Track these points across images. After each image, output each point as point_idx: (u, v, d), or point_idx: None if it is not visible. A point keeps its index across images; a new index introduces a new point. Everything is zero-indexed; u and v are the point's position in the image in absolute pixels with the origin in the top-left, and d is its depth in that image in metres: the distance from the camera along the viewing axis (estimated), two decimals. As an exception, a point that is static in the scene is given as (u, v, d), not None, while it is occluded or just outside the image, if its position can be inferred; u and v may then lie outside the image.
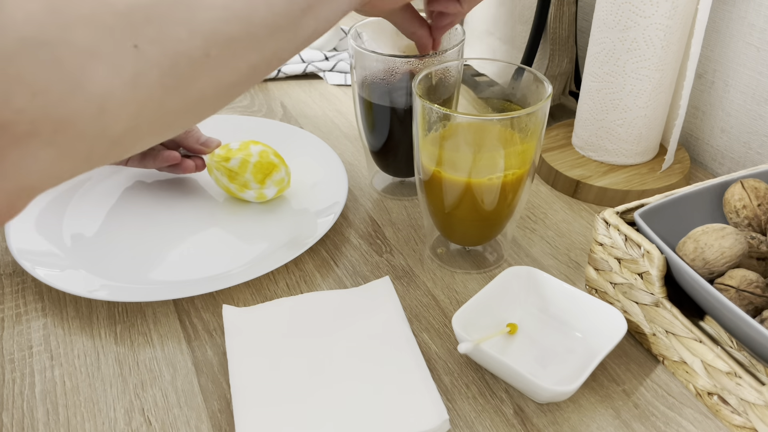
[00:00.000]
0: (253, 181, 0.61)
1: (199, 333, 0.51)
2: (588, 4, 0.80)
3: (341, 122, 0.79)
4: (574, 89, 0.79)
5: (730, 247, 0.44)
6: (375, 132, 0.62)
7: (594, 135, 0.66)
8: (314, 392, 0.45)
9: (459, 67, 0.58)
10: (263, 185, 0.61)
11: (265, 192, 0.62)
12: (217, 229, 0.62)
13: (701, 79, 0.70)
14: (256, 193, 0.62)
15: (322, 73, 0.90)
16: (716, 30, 0.66)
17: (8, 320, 0.52)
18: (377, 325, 0.50)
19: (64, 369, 0.48)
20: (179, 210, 0.64)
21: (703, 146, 0.72)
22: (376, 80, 0.59)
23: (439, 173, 0.51)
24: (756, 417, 0.41)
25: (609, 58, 0.62)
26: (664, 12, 0.57)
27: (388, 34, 0.63)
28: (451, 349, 0.50)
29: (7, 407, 0.46)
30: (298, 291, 0.55)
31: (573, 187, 0.65)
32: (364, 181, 0.69)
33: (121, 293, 0.52)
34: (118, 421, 0.45)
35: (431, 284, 0.56)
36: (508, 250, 0.59)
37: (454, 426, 0.44)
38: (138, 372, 0.48)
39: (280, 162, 0.62)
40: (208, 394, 0.47)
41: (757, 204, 0.49)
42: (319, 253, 0.59)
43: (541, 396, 0.44)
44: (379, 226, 0.62)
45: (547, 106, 0.49)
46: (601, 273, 0.52)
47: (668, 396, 0.46)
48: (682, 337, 0.45)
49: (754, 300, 0.44)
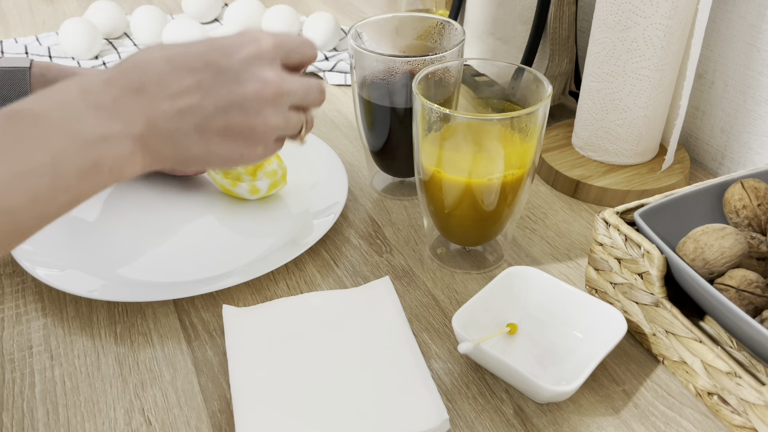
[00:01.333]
0: (245, 173, 0.61)
1: (199, 333, 0.51)
2: (588, 4, 0.80)
3: (341, 122, 0.79)
4: (574, 89, 0.79)
5: (730, 247, 0.44)
6: (375, 132, 0.62)
7: (594, 135, 0.66)
8: (314, 392, 0.45)
9: (459, 67, 0.58)
10: (255, 177, 0.61)
11: (257, 185, 0.62)
12: (218, 229, 0.62)
13: (701, 79, 0.70)
14: (249, 186, 0.62)
15: (322, 73, 0.90)
16: (716, 30, 0.66)
17: (8, 320, 0.52)
18: (377, 325, 0.50)
19: (64, 369, 0.48)
20: (179, 210, 0.64)
21: (703, 146, 0.72)
22: (376, 80, 0.59)
23: (439, 173, 0.51)
24: (756, 417, 0.41)
25: (609, 58, 0.62)
26: (664, 12, 0.57)
27: (388, 34, 0.64)
28: (451, 349, 0.50)
29: (7, 407, 0.46)
30: (298, 291, 0.55)
31: (573, 187, 0.65)
32: (364, 181, 0.69)
33: (121, 293, 0.52)
34: (118, 421, 0.45)
35: (431, 284, 0.56)
36: (508, 250, 0.59)
37: (454, 426, 0.44)
38: (138, 372, 0.48)
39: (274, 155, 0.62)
40: (208, 394, 0.47)
41: (757, 204, 0.49)
42: (319, 253, 0.59)
43: (541, 396, 0.44)
44: (379, 226, 0.62)
45: (547, 106, 0.49)
46: (601, 273, 0.52)
47: (668, 396, 0.46)
48: (682, 337, 0.45)
49: (754, 300, 0.44)
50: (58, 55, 0.92)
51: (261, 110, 0.41)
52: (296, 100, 0.43)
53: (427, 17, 0.64)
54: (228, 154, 0.41)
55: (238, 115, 0.40)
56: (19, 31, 1.03)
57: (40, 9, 1.12)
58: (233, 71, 0.40)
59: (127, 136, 0.37)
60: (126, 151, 0.37)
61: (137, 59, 0.38)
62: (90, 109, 0.36)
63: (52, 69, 0.57)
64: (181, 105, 0.38)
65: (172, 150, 0.39)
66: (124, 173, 0.37)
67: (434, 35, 0.63)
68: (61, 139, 0.34)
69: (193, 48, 0.40)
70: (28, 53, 0.92)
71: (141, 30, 0.95)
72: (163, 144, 0.38)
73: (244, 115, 0.40)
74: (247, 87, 0.40)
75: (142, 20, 0.95)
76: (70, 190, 0.35)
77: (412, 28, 0.64)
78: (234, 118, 0.40)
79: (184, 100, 0.38)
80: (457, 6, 0.83)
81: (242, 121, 0.40)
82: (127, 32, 1.00)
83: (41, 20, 1.08)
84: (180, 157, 0.40)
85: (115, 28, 0.97)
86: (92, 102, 0.36)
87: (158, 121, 0.38)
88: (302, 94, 0.43)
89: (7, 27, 1.05)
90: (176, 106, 0.38)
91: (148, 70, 0.38)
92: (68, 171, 0.34)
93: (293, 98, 0.43)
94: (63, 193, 0.35)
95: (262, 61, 0.41)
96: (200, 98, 0.39)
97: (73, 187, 0.35)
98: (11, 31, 1.04)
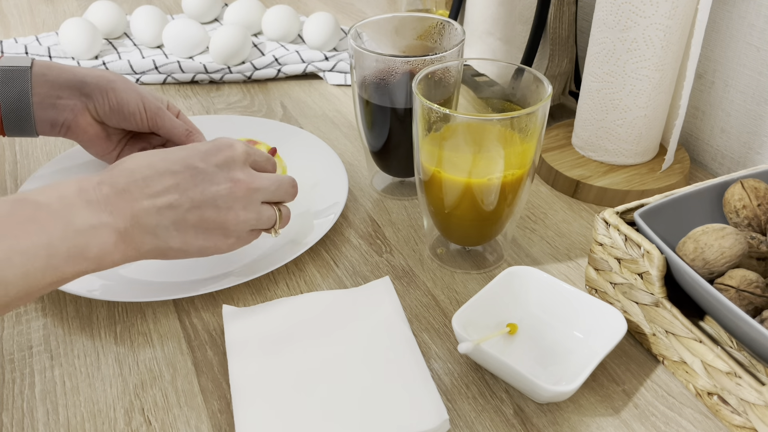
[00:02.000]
0: None
1: (199, 333, 0.51)
2: (588, 4, 0.80)
3: (341, 122, 0.79)
4: (574, 89, 0.79)
5: (730, 247, 0.44)
6: (375, 132, 0.62)
7: (594, 135, 0.66)
8: (314, 392, 0.45)
9: (459, 67, 0.58)
10: None
11: None
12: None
13: (701, 79, 0.70)
14: None
15: (322, 73, 0.90)
16: (716, 30, 0.66)
17: (8, 320, 0.52)
18: (377, 325, 0.50)
19: (64, 369, 0.48)
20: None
21: (703, 146, 0.72)
22: (376, 80, 0.59)
23: (439, 173, 0.51)
24: (756, 417, 0.41)
25: (609, 58, 0.62)
26: (664, 12, 0.57)
27: (388, 34, 0.64)
28: (451, 349, 0.50)
29: (7, 407, 0.46)
30: (298, 291, 0.55)
31: (573, 187, 0.65)
32: (364, 181, 0.69)
33: (121, 293, 0.52)
34: (118, 421, 0.45)
35: (431, 284, 0.56)
36: (508, 250, 0.59)
37: (454, 426, 0.44)
38: (138, 372, 0.48)
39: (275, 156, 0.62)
40: (208, 394, 0.47)
41: (757, 204, 0.49)
42: (319, 253, 0.59)
43: (541, 396, 0.44)
44: (379, 226, 0.62)
45: (547, 106, 0.49)
46: (601, 273, 0.52)
47: (668, 396, 0.46)
48: (682, 337, 0.45)
49: (754, 300, 0.44)
50: (58, 55, 0.92)
51: (232, 206, 0.46)
52: (267, 196, 0.49)
53: (427, 17, 0.64)
54: (203, 245, 0.46)
55: (212, 211, 0.46)
56: (19, 31, 1.03)
57: (40, 9, 1.12)
58: (208, 173, 0.46)
59: (112, 228, 0.42)
60: (111, 241, 0.42)
61: (126, 164, 0.44)
62: (84, 203, 0.41)
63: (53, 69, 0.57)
64: (160, 203, 0.44)
65: (153, 241, 0.44)
66: (105, 261, 0.42)
67: (434, 35, 0.63)
68: (58, 226, 0.39)
69: (176, 154, 0.46)
70: (28, 53, 0.92)
71: (141, 30, 0.95)
72: (144, 236, 0.44)
73: (216, 210, 0.46)
74: (220, 186, 0.46)
75: (142, 20, 0.95)
76: (57, 270, 0.39)
77: (412, 28, 0.64)
78: (208, 213, 0.45)
79: (164, 198, 0.44)
80: (457, 6, 0.83)
81: (215, 216, 0.46)
82: (127, 32, 1.00)
83: (41, 20, 1.08)
84: (160, 248, 0.45)
85: (115, 28, 0.97)
86: (85, 198, 0.41)
87: (141, 217, 0.43)
88: (273, 189, 0.49)
89: (7, 27, 1.05)
90: (157, 204, 0.44)
91: (135, 172, 0.44)
92: (59, 253, 0.39)
93: (264, 194, 0.49)
94: (52, 273, 0.39)
95: (235, 163, 0.47)
96: (178, 196, 0.44)
97: (60, 268, 0.39)
98: (11, 31, 1.04)
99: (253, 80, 0.89)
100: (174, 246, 0.45)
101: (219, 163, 0.46)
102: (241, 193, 0.47)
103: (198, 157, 0.46)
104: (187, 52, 0.91)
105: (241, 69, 0.88)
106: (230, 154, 0.47)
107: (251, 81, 0.89)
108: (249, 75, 0.88)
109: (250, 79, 0.89)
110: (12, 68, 0.55)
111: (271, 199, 0.49)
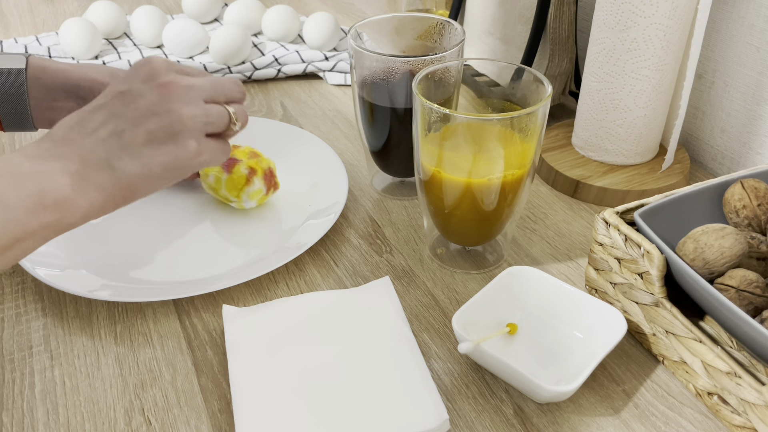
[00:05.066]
0: (230, 195, 0.61)
1: (199, 333, 0.51)
2: (588, 4, 0.80)
3: (341, 122, 0.79)
4: (574, 89, 0.79)
5: (730, 247, 0.44)
6: (375, 132, 0.62)
7: (594, 135, 0.66)
8: (314, 392, 0.45)
9: (459, 67, 0.58)
10: (240, 199, 0.61)
11: (244, 204, 0.62)
12: (218, 229, 0.62)
13: (701, 79, 0.70)
14: (238, 205, 0.62)
15: (322, 73, 0.90)
16: (716, 30, 0.66)
17: (8, 320, 0.52)
18: (377, 325, 0.50)
19: (64, 369, 0.49)
20: (179, 210, 0.64)
21: (703, 146, 0.72)
22: (376, 80, 0.59)
23: (439, 173, 0.51)
24: (756, 417, 0.41)
25: (609, 58, 0.62)
26: (664, 12, 0.58)
27: (388, 34, 0.64)
28: (451, 349, 0.50)
29: (7, 407, 0.46)
30: (298, 291, 0.55)
31: (573, 187, 0.65)
32: (364, 181, 0.69)
33: (121, 293, 0.52)
34: (118, 421, 0.45)
35: (431, 284, 0.56)
36: (508, 250, 0.59)
37: (454, 426, 0.44)
38: (138, 372, 0.48)
39: (254, 173, 0.61)
40: (208, 394, 0.47)
41: (757, 204, 0.49)
42: (319, 253, 0.59)
43: (541, 396, 0.44)
44: (379, 226, 0.62)
45: (547, 106, 0.49)
46: (601, 273, 0.52)
47: (668, 396, 0.46)
48: (682, 337, 0.45)
49: (754, 300, 0.44)
50: (58, 55, 0.92)
51: (171, 108, 0.44)
52: (206, 93, 0.47)
53: (427, 17, 0.64)
54: (164, 160, 0.44)
55: (153, 121, 0.44)
56: (19, 31, 1.03)
57: (40, 9, 1.12)
58: (135, 90, 0.45)
59: (63, 170, 0.41)
60: (65, 183, 0.40)
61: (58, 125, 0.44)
62: (26, 158, 0.41)
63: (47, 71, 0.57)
64: (102, 134, 0.43)
65: (112, 175, 0.43)
66: (69, 209, 0.41)
67: (434, 35, 0.63)
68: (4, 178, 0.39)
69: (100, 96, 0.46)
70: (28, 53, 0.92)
71: (141, 30, 0.95)
72: (100, 173, 0.42)
73: (158, 118, 0.44)
74: (151, 95, 0.45)
75: (142, 20, 0.95)
76: (20, 224, 0.39)
77: (412, 28, 0.64)
78: (150, 124, 0.44)
79: (103, 130, 0.43)
80: (457, 6, 0.83)
81: (158, 123, 0.44)
82: (126, 32, 1.00)
83: (41, 20, 1.08)
84: (123, 181, 0.43)
85: (115, 28, 0.97)
86: (28, 155, 0.41)
87: (88, 154, 0.42)
88: (209, 86, 0.47)
89: (7, 27, 1.05)
90: (99, 137, 0.43)
91: (68, 121, 0.44)
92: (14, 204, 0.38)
93: (201, 91, 0.46)
94: (14, 227, 0.38)
95: (158, 72, 0.46)
96: (115, 122, 0.44)
97: (22, 221, 0.39)
98: (11, 31, 1.04)
99: (253, 80, 0.89)
100: (135, 171, 0.43)
101: (143, 79, 0.45)
102: (174, 93, 0.45)
103: (120, 83, 0.46)
104: (187, 52, 0.91)
105: (241, 69, 0.88)
106: (150, 67, 0.46)
107: (251, 81, 0.89)
108: (249, 75, 0.88)
109: (250, 79, 0.89)
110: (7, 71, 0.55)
111: (213, 96, 0.47)
